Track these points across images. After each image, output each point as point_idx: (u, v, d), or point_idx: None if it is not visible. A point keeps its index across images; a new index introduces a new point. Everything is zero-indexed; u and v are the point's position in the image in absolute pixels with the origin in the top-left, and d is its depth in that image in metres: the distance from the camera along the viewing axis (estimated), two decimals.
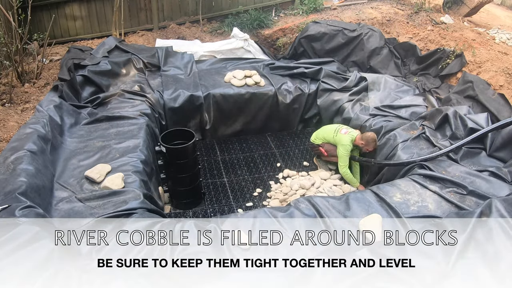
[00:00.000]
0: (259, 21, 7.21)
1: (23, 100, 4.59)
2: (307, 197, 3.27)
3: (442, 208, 3.20)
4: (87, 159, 3.76)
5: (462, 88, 5.03)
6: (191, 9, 7.40)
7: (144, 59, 5.80)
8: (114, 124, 4.41)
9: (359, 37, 6.30)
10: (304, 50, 6.64)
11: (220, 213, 4.30)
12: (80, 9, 6.55)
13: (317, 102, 5.80)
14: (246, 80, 5.66)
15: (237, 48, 6.62)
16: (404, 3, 7.47)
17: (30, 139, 3.52)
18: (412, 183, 3.50)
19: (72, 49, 5.87)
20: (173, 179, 4.23)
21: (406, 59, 6.23)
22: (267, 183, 4.83)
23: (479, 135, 3.94)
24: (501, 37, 6.05)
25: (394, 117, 4.83)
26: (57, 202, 3.19)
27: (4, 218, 2.60)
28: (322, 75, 5.74)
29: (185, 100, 5.25)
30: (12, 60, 4.78)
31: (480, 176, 3.56)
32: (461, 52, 5.47)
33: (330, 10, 7.56)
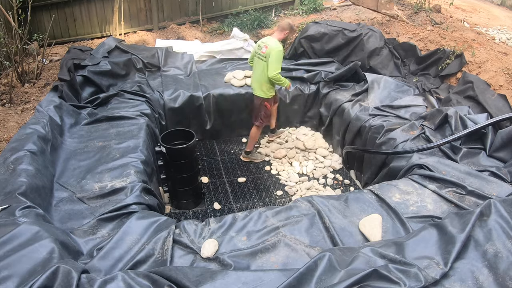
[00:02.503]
0: (259, 21, 7.22)
1: (23, 101, 4.60)
2: (307, 197, 3.27)
3: (442, 208, 3.20)
4: (87, 159, 3.77)
5: (462, 88, 5.03)
6: (191, 9, 7.41)
7: (144, 59, 5.81)
8: (114, 124, 4.41)
9: (359, 37, 6.30)
10: (304, 50, 6.64)
11: (220, 213, 4.31)
12: (80, 9, 6.56)
13: (317, 102, 5.81)
14: (246, 80, 5.66)
15: (237, 48, 6.63)
16: (404, 3, 7.47)
17: (30, 140, 3.52)
18: (411, 183, 3.51)
19: (72, 49, 5.87)
20: (173, 179, 4.23)
21: (406, 59, 6.23)
22: (267, 183, 4.83)
23: (478, 128, 3.99)
24: (501, 37, 6.05)
25: (394, 117, 4.83)
26: (57, 202, 3.20)
27: (4, 218, 2.61)
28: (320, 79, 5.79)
29: (185, 100, 5.26)
30: (12, 60, 4.79)
31: (480, 176, 3.56)
32: (461, 52, 5.47)
33: (330, 10, 7.57)
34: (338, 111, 5.41)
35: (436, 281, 2.34)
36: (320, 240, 2.86)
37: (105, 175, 3.50)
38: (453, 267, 2.45)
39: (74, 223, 2.99)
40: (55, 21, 6.24)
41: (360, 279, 2.23)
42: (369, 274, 2.26)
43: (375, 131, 4.64)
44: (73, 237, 2.74)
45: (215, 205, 4.39)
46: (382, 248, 2.58)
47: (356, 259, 2.46)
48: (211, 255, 2.62)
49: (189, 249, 2.68)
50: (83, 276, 2.18)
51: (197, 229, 2.88)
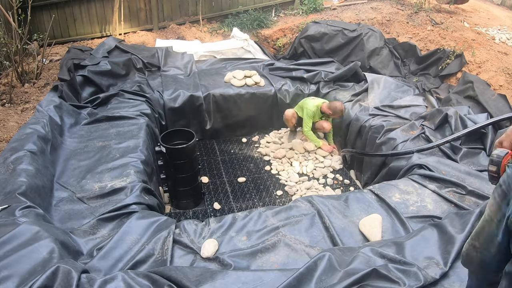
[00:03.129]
0: (259, 21, 7.22)
1: (23, 100, 4.60)
2: (307, 197, 3.28)
3: (442, 208, 3.20)
4: (87, 159, 3.77)
5: (462, 88, 5.04)
6: (191, 9, 7.41)
7: (144, 59, 5.81)
8: (114, 124, 4.41)
9: (359, 37, 6.30)
10: (304, 50, 6.65)
11: (220, 213, 4.31)
12: (80, 9, 6.56)
13: None
14: (246, 80, 5.66)
15: (237, 48, 6.63)
16: (404, 3, 7.47)
17: (30, 139, 3.52)
18: (411, 183, 3.51)
19: (72, 49, 5.87)
20: (173, 179, 4.23)
21: (406, 59, 6.23)
22: (267, 183, 4.83)
23: (477, 128, 4.01)
24: (501, 37, 6.05)
25: (394, 117, 4.83)
26: (57, 202, 3.20)
27: (4, 218, 2.61)
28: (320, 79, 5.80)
29: (185, 100, 5.26)
30: (12, 60, 4.79)
31: (480, 176, 3.56)
32: (461, 52, 5.47)
33: (330, 10, 7.57)
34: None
35: (435, 280, 2.35)
36: (320, 240, 2.86)
37: (105, 175, 3.50)
38: (453, 266, 2.45)
39: (74, 223, 2.98)
40: (55, 21, 6.24)
41: (360, 279, 2.24)
42: (368, 274, 2.26)
43: (375, 131, 4.64)
44: (73, 237, 2.74)
45: (215, 205, 4.39)
46: (382, 248, 2.59)
47: (356, 259, 2.46)
48: (211, 255, 2.62)
49: (189, 249, 2.68)
50: (83, 276, 2.18)
51: (197, 229, 2.88)
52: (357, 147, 5.02)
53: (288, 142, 5.50)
